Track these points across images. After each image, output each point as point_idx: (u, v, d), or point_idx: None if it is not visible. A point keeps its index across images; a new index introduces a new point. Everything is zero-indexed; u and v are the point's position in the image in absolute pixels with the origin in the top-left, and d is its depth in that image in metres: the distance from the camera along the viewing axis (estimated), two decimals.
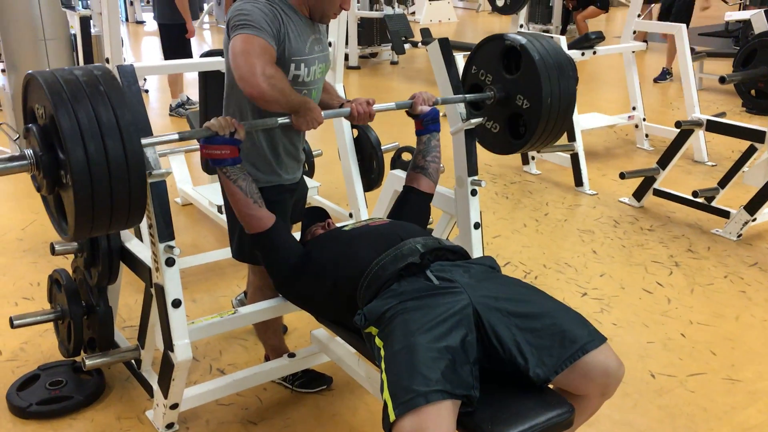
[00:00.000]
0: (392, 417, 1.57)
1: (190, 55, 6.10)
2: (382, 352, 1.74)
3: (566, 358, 1.71)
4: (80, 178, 1.56)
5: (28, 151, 1.67)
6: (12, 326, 2.49)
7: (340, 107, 2.34)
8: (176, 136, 1.91)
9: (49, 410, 2.42)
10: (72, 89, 1.59)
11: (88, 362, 2.36)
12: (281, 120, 2.07)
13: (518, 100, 2.40)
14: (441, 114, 2.42)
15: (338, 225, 2.35)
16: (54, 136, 1.64)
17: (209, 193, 3.86)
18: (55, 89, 1.58)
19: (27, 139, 1.72)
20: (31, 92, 1.74)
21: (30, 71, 1.67)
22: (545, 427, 1.66)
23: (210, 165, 2.01)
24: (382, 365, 1.70)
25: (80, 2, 6.66)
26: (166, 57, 6.03)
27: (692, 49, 5.79)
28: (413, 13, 13.78)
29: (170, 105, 6.55)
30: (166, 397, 2.22)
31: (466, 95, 2.48)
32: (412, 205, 2.33)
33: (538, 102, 2.33)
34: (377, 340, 1.78)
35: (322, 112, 2.10)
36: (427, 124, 2.35)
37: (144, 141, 1.77)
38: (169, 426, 2.35)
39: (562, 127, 2.45)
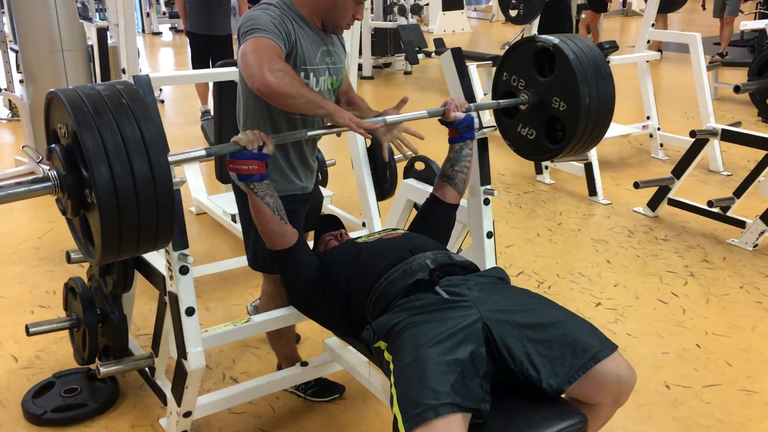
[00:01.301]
0: (402, 431, 1.56)
1: None
2: (392, 366, 1.73)
3: (578, 368, 1.70)
4: (106, 197, 1.50)
5: (52, 173, 1.61)
6: (28, 334, 2.51)
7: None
8: (203, 152, 1.83)
9: (64, 417, 2.44)
10: (95, 105, 1.54)
11: (102, 370, 2.38)
12: (311, 132, 2.04)
13: (554, 102, 2.31)
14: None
15: (352, 236, 2.35)
16: (78, 156, 1.58)
17: (223, 203, 3.88)
18: (77, 105, 1.53)
19: (50, 161, 1.66)
20: (53, 111, 1.70)
21: (52, 89, 1.61)
22: None
23: (237, 180, 1.95)
24: (392, 379, 1.70)
25: (97, 14, 6.72)
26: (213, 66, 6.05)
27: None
28: (424, 10, 13.76)
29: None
30: (179, 405, 2.22)
31: (500, 101, 2.42)
32: (435, 215, 2.30)
33: (576, 102, 2.24)
34: (386, 354, 1.78)
35: (366, 120, 2.04)
36: (462, 131, 2.27)
37: (171, 158, 1.71)
38: None
39: (602, 128, 2.34)
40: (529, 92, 2.38)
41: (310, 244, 2.39)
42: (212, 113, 6.48)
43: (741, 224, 3.99)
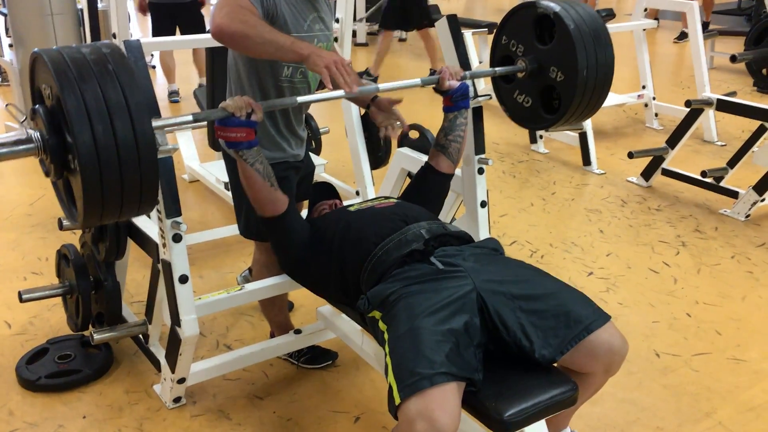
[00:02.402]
0: (397, 400, 1.57)
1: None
2: (386, 336, 1.74)
3: (571, 338, 1.72)
4: (88, 162, 1.49)
5: (35, 134, 1.60)
6: (21, 300, 2.51)
7: (371, 104, 2.35)
8: (190, 118, 1.81)
9: (58, 383, 2.45)
10: (79, 68, 1.51)
11: (96, 336, 2.38)
12: (301, 98, 2.00)
13: (552, 72, 2.27)
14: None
15: (345, 204, 2.35)
16: (61, 118, 1.57)
17: (216, 170, 3.86)
18: (61, 68, 1.50)
19: (34, 121, 1.65)
20: (37, 71, 1.67)
21: (36, 49, 1.58)
22: (549, 404, 1.67)
23: (226, 147, 1.92)
24: (386, 348, 1.71)
25: None
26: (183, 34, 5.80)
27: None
28: None
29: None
30: (173, 371, 2.24)
31: (496, 68, 2.37)
32: (429, 184, 2.29)
33: (574, 74, 2.20)
34: (381, 324, 1.79)
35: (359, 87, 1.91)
36: (456, 100, 2.23)
37: (155, 123, 1.68)
38: (177, 400, 2.37)
39: (598, 101, 2.30)
40: (526, 59, 2.34)
41: (304, 213, 2.38)
42: (179, 91, 6.23)
43: (734, 194, 4.00)
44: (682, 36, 8.66)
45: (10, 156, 1.59)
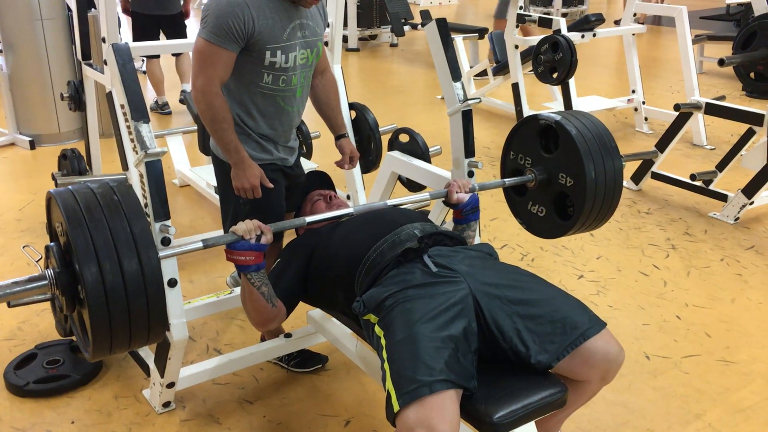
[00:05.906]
0: (396, 407, 1.56)
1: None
2: (383, 341, 1.73)
3: (568, 345, 1.71)
4: (94, 295, 1.51)
5: (48, 272, 1.63)
6: (9, 306, 2.48)
7: (337, 139, 2.45)
8: (200, 245, 1.80)
9: (47, 389, 2.44)
10: (87, 203, 1.54)
11: None
12: (310, 219, 2.03)
13: (561, 178, 2.29)
14: (439, 97, 2.34)
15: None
16: (72, 254, 1.59)
17: (206, 174, 3.85)
18: (70, 206, 1.54)
19: (48, 259, 1.69)
20: (52, 210, 1.70)
21: (51, 190, 1.62)
22: (538, 406, 1.67)
23: (236, 269, 1.92)
24: (384, 354, 1.69)
25: None
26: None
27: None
28: None
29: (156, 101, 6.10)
30: (162, 376, 2.23)
31: (506, 179, 2.39)
32: None
33: (582, 177, 2.22)
34: (377, 329, 1.77)
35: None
36: (467, 213, 2.20)
37: (161, 254, 1.69)
38: (166, 405, 2.36)
39: (612, 202, 2.33)
40: (535, 170, 2.36)
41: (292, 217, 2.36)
42: (168, 103, 6.15)
43: (723, 198, 4.02)
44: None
45: (25, 294, 1.63)
